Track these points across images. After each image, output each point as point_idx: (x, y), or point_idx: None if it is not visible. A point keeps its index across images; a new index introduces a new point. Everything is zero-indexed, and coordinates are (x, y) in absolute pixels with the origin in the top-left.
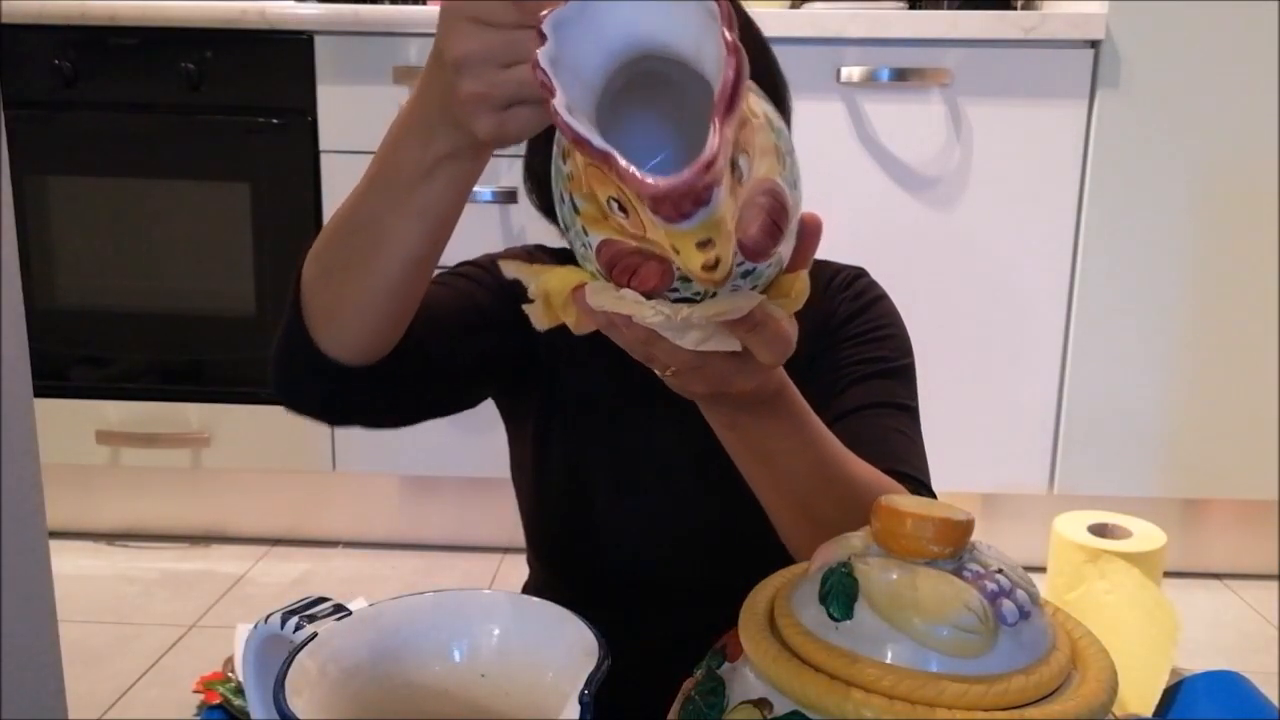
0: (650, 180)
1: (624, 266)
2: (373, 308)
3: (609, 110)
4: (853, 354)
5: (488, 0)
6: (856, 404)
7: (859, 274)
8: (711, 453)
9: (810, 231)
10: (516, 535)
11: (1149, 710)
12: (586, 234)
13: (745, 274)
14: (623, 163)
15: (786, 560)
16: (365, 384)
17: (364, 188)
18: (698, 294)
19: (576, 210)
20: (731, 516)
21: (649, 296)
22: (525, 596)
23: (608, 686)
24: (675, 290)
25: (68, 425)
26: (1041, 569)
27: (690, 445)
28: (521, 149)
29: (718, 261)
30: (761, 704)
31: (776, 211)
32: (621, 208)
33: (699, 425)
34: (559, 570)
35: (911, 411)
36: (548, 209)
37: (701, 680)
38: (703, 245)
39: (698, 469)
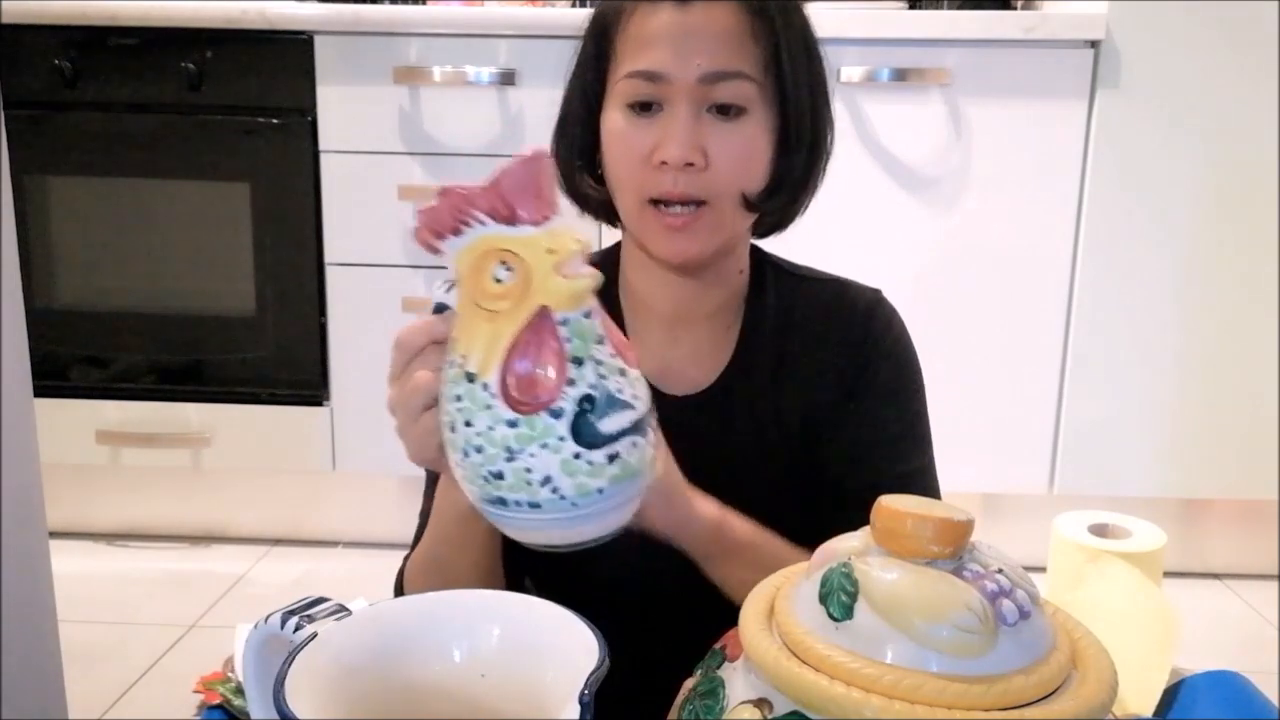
0: (498, 173)
1: (523, 376)
2: None
3: None
4: (874, 411)
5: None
6: (877, 480)
7: (877, 302)
8: (699, 470)
9: None
10: None
11: (1149, 710)
12: (486, 384)
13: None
14: (472, 185)
15: None
16: None
17: (427, 537)
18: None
19: (470, 377)
20: None
21: (541, 398)
22: (525, 596)
23: (603, 696)
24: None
25: (68, 425)
26: (1041, 569)
27: (678, 462)
28: (524, 148)
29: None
30: (761, 704)
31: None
32: (506, 266)
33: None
34: (548, 590)
35: (926, 467)
36: (570, 186)
37: (701, 680)
38: (551, 251)
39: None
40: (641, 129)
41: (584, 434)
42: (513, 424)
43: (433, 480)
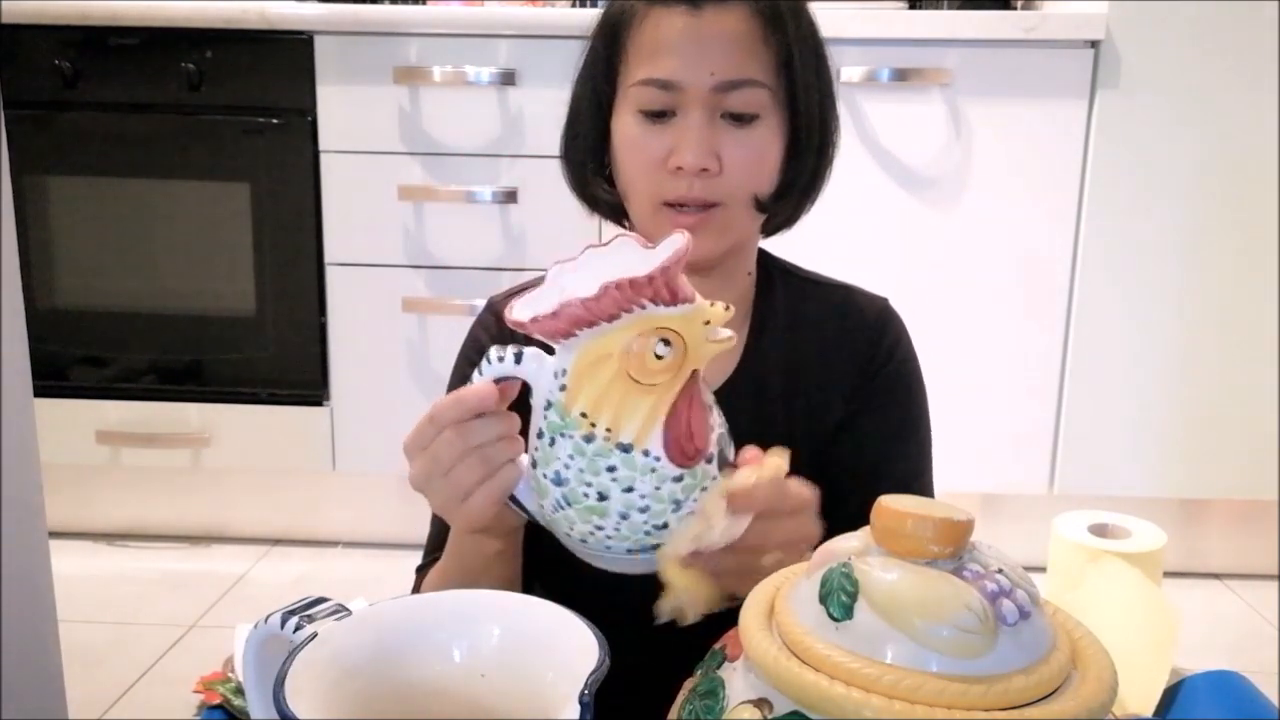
0: (658, 263)
1: (685, 434)
2: None
3: None
4: (881, 423)
5: (419, 429)
6: (875, 484)
7: (888, 313)
8: None
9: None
10: None
11: (1149, 710)
12: (647, 450)
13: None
14: (631, 277)
15: None
16: None
17: (449, 575)
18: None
19: (625, 448)
20: None
21: (701, 449)
22: (525, 596)
23: (604, 696)
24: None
25: (68, 425)
26: (1041, 569)
27: None
28: (524, 148)
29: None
30: (761, 704)
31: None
32: (666, 342)
33: None
34: (549, 591)
35: (925, 475)
36: (582, 188)
37: (701, 680)
38: (707, 322)
39: None
40: (655, 134)
41: (722, 467)
42: (679, 479)
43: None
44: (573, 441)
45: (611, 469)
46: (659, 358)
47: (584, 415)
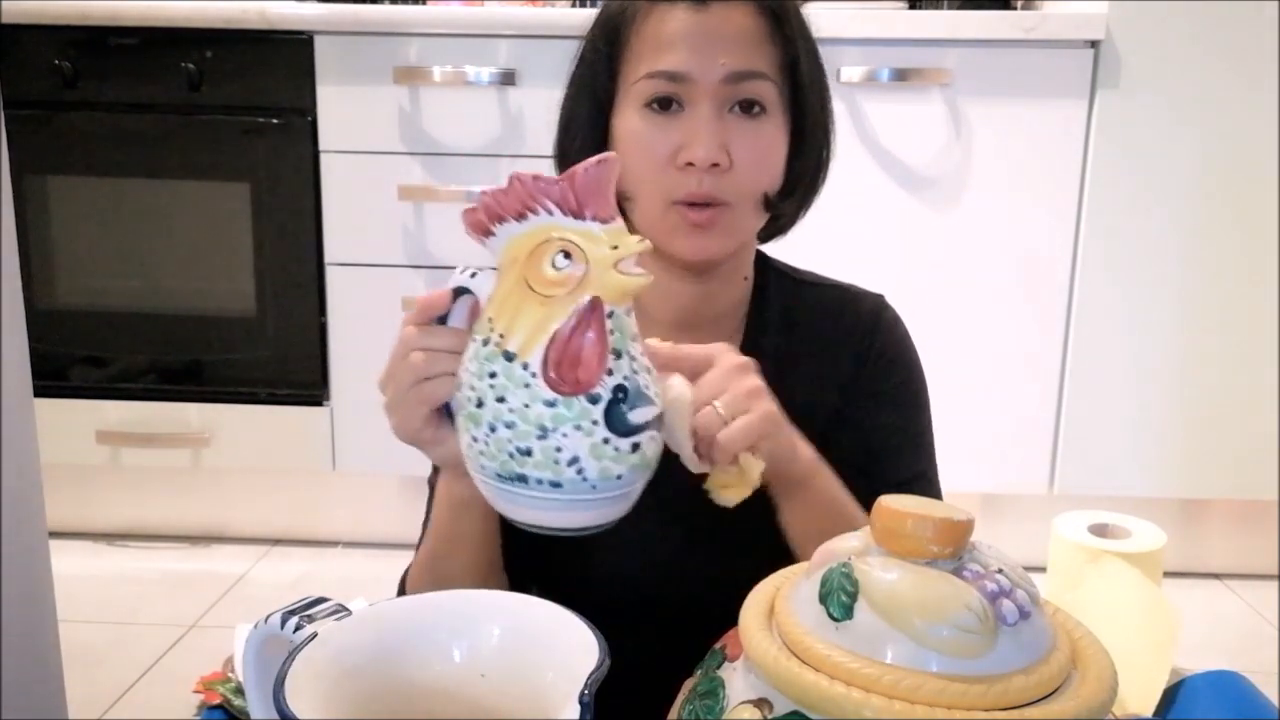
0: (573, 170)
1: (570, 358)
2: None
3: None
4: (876, 417)
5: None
6: (877, 485)
7: (881, 307)
8: (701, 478)
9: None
10: None
11: (1149, 710)
12: (526, 364)
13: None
14: (544, 176)
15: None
16: None
17: (427, 534)
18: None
19: (509, 356)
20: (723, 534)
21: (584, 382)
22: (525, 596)
23: (604, 696)
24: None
25: (68, 425)
26: (1041, 569)
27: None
28: (524, 148)
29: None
30: (761, 704)
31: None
32: (567, 255)
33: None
34: (550, 591)
35: (928, 473)
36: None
37: (701, 680)
38: (614, 248)
39: (689, 487)
40: (663, 129)
41: (615, 422)
42: (550, 404)
43: (435, 490)
44: (475, 344)
45: (493, 375)
46: (556, 269)
47: (490, 320)
